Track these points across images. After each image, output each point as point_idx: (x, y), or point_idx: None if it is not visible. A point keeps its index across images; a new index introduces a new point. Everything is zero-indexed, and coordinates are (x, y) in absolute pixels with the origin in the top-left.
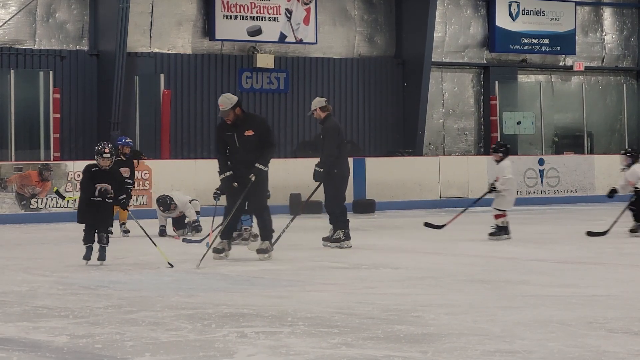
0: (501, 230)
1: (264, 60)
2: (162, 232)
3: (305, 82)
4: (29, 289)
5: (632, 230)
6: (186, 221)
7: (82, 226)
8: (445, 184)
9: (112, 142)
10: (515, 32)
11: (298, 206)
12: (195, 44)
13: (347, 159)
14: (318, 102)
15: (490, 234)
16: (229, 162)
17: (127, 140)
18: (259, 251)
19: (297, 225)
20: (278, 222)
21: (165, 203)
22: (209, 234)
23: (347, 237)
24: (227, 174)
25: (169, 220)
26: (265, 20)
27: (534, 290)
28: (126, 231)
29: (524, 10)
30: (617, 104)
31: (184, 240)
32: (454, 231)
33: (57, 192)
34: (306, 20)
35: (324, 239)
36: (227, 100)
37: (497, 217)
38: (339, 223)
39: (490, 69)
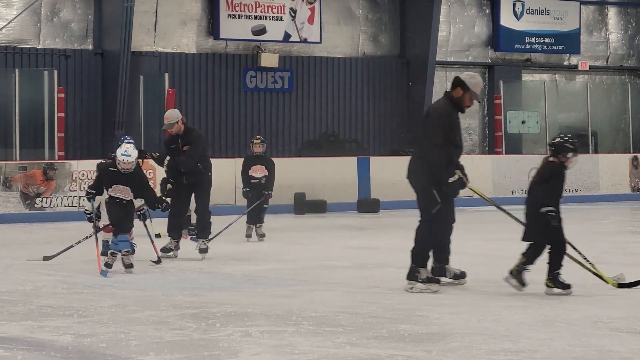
0: None
1: (269, 60)
2: (191, 232)
3: (310, 82)
4: (34, 288)
5: None
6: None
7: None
8: None
9: (115, 141)
10: (519, 32)
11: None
12: (199, 43)
13: None
14: (177, 113)
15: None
16: None
17: (127, 142)
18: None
19: (300, 224)
20: (281, 221)
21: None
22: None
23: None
24: None
25: None
26: (269, 19)
27: (538, 290)
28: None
29: (529, 9)
30: (622, 103)
31: (191, 239)
32: (458, 231)
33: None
34: (310, 20)
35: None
36: None
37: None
38: (208, 231)
39: (494, 68)
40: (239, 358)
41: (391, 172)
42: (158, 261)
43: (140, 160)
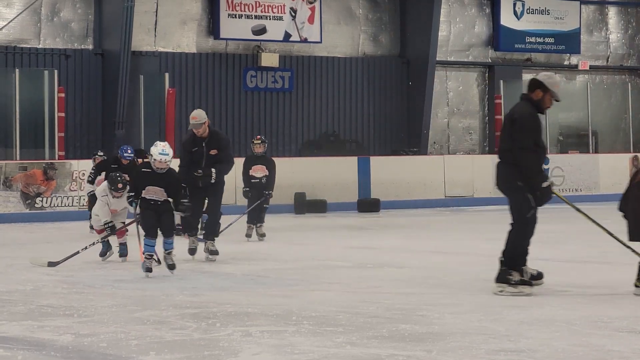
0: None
1: (269, 59)
2: (177, 232)
3: (310, 81)
4: (34, 287)
5: None
6: None
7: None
8: (450, 183)
9: (116, 141)
10: (519, 31)
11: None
12: (199, 43)
13: None
14: (205, 114)
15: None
16: None
17: (126, 155)
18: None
19: (301, 224)
20: (281, 221)
21: None
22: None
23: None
24: None
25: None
26: (269, 19)
27: (539, 290)
28: None
29: (529, 9)
30: (622, 103)
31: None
32: (458, 231)
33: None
34: (311, 19)
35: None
36: None
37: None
38: (217, 233)
39: (494, 67)
40: (239, 358)
41: (391, 172)
42: (158, 262)
43: (139, 160)
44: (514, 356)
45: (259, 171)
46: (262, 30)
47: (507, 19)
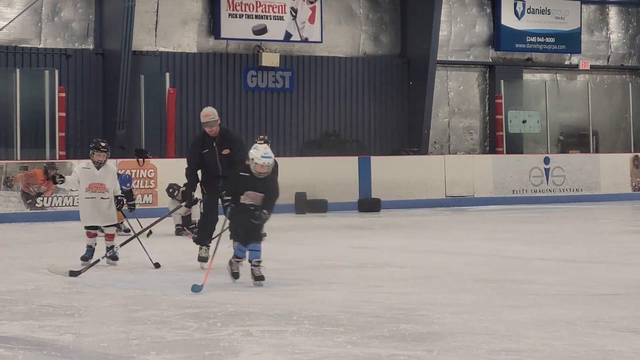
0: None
1: (269, 59)
2: (179, 232)
3: (311, 81)
4: (35, 287)
5: None
6: (192, 219)
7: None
8: (450, 183)
9: (117, 141)
10: (520, 31)
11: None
12: (200, 43)
13: None
14: (216, 112)
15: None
16: None
17: (124, 187)
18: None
19: (302, 224)
20: (282, 221)
21: (177, 187)
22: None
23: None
24: None
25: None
26: (270, 19)
27: (540, 290)
28: (127, 230)
29: (530, 9)
30: (623, 103)
31: (194, 239)
32: (459, 231)
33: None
34: (311, 19)
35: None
36: None
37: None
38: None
39: (495, 67)
40: (240, 357)
41: (392, 172)
42: (157, 265)
43: (140, 160)
44: (514, 356)
45: None
46: (263, 30)
47: (507, 19)
